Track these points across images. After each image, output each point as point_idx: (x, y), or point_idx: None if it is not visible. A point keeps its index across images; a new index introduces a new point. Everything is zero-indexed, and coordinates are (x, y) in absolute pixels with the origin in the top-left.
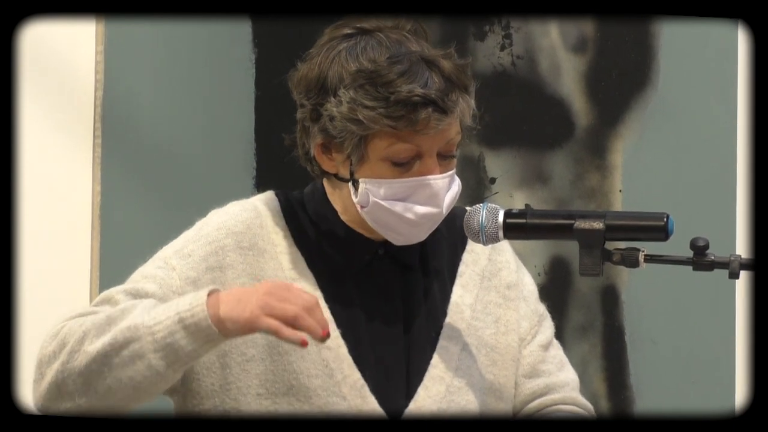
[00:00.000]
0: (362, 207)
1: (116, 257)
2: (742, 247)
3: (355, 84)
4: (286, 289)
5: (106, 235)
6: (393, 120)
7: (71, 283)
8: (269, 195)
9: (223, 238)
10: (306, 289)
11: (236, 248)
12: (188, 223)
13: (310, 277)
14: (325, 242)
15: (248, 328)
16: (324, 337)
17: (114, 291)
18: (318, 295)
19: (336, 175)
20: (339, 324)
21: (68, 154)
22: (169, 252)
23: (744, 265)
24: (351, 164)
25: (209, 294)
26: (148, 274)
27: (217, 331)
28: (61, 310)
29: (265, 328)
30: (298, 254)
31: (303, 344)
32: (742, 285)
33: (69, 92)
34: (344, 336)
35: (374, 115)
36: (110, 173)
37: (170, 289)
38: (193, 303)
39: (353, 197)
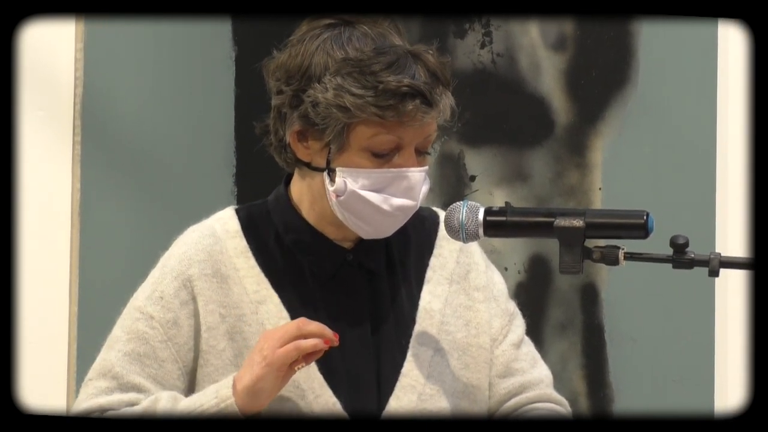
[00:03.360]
0: (338, 196)
1: (96, 255)
2: (721, 245)
3: (342, 71)
4: (272, 330)
5: (86, 233)
6: (380, 109)
7: (51, 281)
8: (228, 213)
9: (186, 269)
10: (272, 310)
11: (201, 276)
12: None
13: (275, 298)
14: (292, 254)
15: (272, 376)
16: (336, 337)
17: (108, 362)
18: (284, 315)
19: (309, 165)
20: None
21: (48, 152)
22: (141, 300)
23: (723, 263)
24: (329, 153)
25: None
26: (130, 330)
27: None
28: (41, 307)
29: (282, 358)
30: (261, 275)
31: (327, 343)
32: (721, 283)
33: (49, 90)
34: None
35: (361, 103)
36: (90, 171)
37: (156, 340)
38: (220, 405)
39: (328, 186)
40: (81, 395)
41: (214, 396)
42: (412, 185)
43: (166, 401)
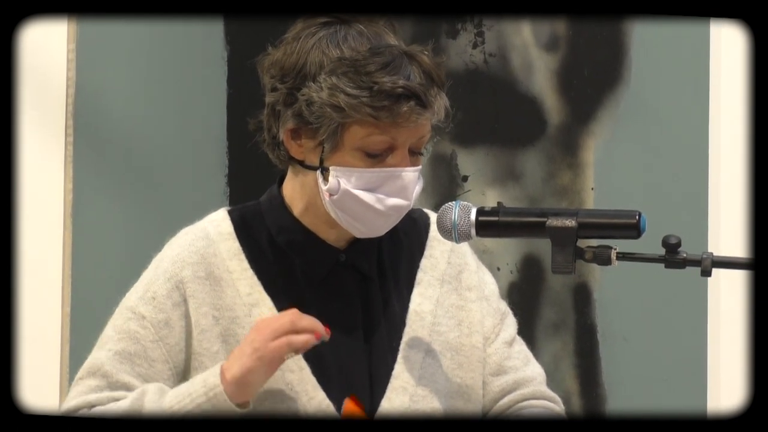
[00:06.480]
0: (331, 195)
1: (88, 255)
2: (713, 245)
3: (337, 71)
4: (265, 321)
5: (79, 234)
6: (375, 110)
7: (43, 281)
8: (221, 215)
9: (179, 271)
10: (265, 314)
11: (194, 278)
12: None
13: (267, 301)
14: (285, 255)
15: (263, 370)
16: (327, 332)
17: (98, 360)
18: None
19: (302, 162)
20: None
21: (40, 152)
22: (133, 300)
23: (716, 263)
24: (322, 151)
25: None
26: (121, 330)
27: (240, 407)
28: (34, 308)
29: (274, 353)
30: (254, 278)
31: (317, 337)
32: (713, 283)
33: (41, 90)
34: (306, 357)
35: (356, 104)
36: (82, 172)
37: (147, 340)
38: (209, 394)
39: (321, 185)
40: (70, 393)
41: (202, 385)
42: (406, 184)
43: (153, 393)
